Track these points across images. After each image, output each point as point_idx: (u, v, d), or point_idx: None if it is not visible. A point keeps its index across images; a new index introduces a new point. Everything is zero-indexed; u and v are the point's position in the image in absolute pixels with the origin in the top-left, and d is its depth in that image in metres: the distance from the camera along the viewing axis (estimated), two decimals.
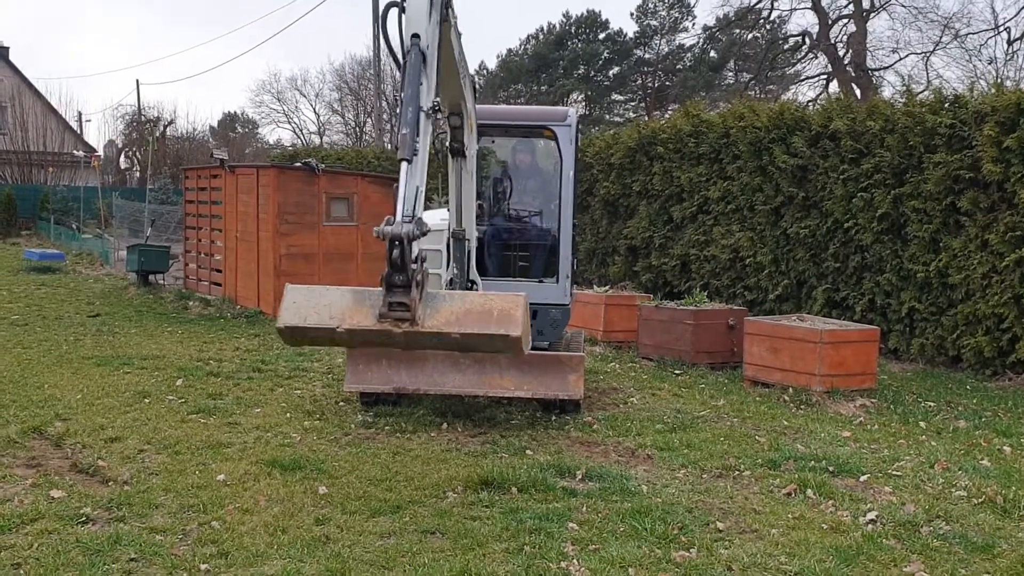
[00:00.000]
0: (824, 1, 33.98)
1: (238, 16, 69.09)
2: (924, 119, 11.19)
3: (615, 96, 54.06)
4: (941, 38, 32.14)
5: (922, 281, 11.22)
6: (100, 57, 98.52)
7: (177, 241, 21.34)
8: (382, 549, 4.90)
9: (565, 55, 51.42)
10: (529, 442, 7.11)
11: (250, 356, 10.91)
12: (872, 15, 34.41)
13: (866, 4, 33.68)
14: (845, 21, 34.87)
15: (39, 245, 28.55)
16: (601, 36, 52.41)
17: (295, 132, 62.96)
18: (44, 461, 6.45)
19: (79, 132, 50.22)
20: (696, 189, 14.47)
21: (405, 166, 5.17)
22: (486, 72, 53.28)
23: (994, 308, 10.32)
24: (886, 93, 29.60)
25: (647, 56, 52.65)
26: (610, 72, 52.85)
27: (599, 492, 5.88)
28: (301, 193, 14.63)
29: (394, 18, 5.77)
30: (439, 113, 5.93)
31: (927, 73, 32.01)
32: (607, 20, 52.22)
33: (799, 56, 38.02)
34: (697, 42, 48.82)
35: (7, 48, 47.62)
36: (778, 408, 8.64)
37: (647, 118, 37.68)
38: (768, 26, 41.16)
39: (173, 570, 4.60)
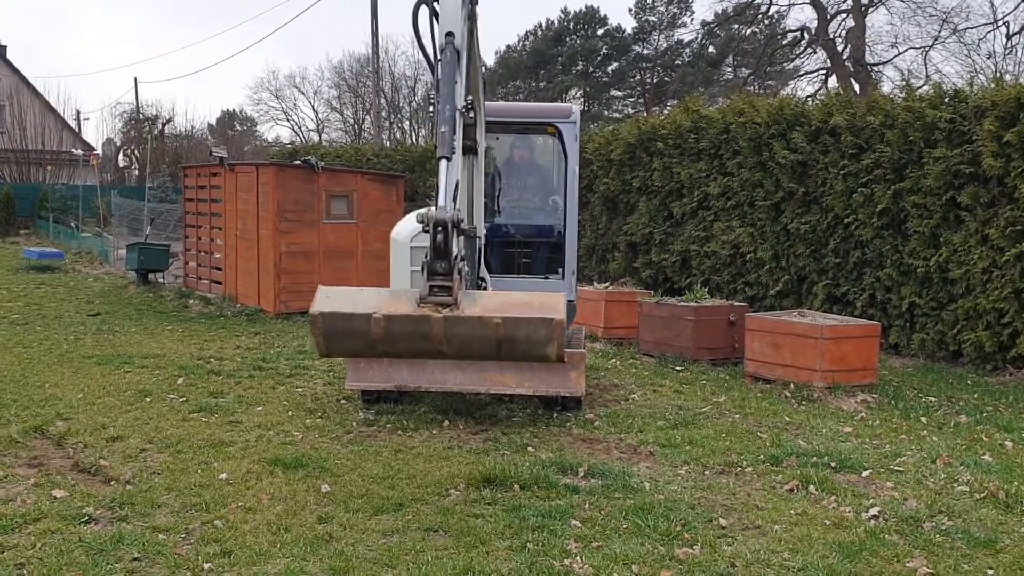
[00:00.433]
0: None
1: (236, 13, 68.94)
2: (924, 114, 11.18)
3: (614, 92, 54.07)
4: (940, 32, 32.16)
5: (922, 276, 11.22)
6: (98, 55, 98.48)
7: (177, 239, 21.31)
8: (385, 547, 4.90)
9: (564, 51, 51.39)
10: (531, 439, 7.11)
11: (251, 354, 10.91)
12: (871, 10, 34.40)
13: None
14: (844, 16, 34.88)
15: (38, 244, 28.52)
16: (600, 32, 52.41)
17: (294, 130, 62.92)
18: (46, 461, 6.45)
19: (77, 130, 50.20)
20: (696, 185, 14.46)
21: (445, 163, 5.15)
22: (485, 69, 53.15)
23: (994, 303, 10.32)
24: (885, 88, 29.60)
25: (646, 52, 52.63)
26: (609, 68, 52.85)
27: (601, 489, 5.89)
28: (301, 191, 14.63)
29: (423, 16, 5.77)
30: (471, 111, 5.92)
31: (926, 68, 32.04)
32: (605, 16, 52.28)
33: (798, 51, 38.02)
34: (695, 38, 48.83)
35: (5, 47, 47.58)
36: (779, 404, 8.65)
37: (646, 114, 37.65)
38: (767, 21, 41.22)
39: (176, 569, 4.61)
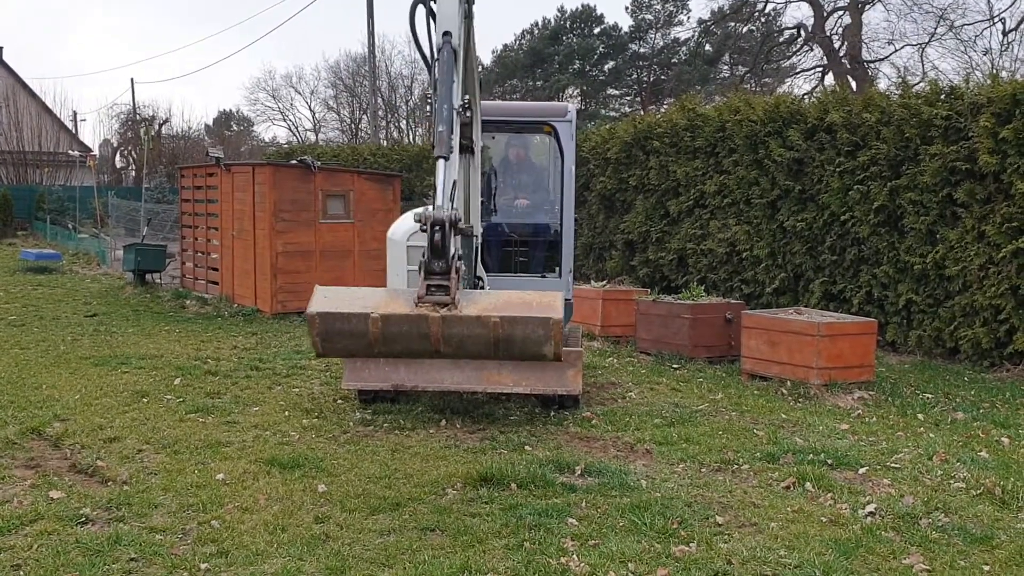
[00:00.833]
0: None
1: (232, 14, 68.97)
2: (920, 111, 11.19)
3: (610, 91, 54.15)
4: (936, 29, 32.18)
5: (919, 273, 11.23)
6: (94, 56, 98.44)
7: (173, 240, 21.31)
8: (382, 547, 4.90)
9: (560, 50, 51.41)
10: (528, 438, 7.11)
11: (248, 354, 10.90)
12: (867, 7, 34.44)
13: None
14: (840, 13, 34.93)
15: (35, 245, 28.46)
16: (596, 31, 52.45)
17: (290, 130, 63.01)
18: (43, 462, 6.45)
19: (74, 132, 50.17)
20: (692, 183, 14.47)
21: (443, 163, 5.14)
22: (481, 68, 53.21)
23: (991, 299, 10.33)
24: (882, 85, 29.62)
25: (642, 50, 52.68)
26: (605, 67, 52.89)
27: (598, 487, 5.89)
28: (297, 191, 14.62)
29: (420, 15, 5.75)
30: (468, 111, 5.91)
31: (923, 65, 32.08)
32: (602, 15, 52.35)
33: (794, 49, 38.08)
34: (692, 36, 48.92)
35: (1, 48, 47.54)
36: (776, 401, 8.65)
37: (643, 112, 37.67)
38: (763, 19, 41.26)
39: (173, 569, 4.61)
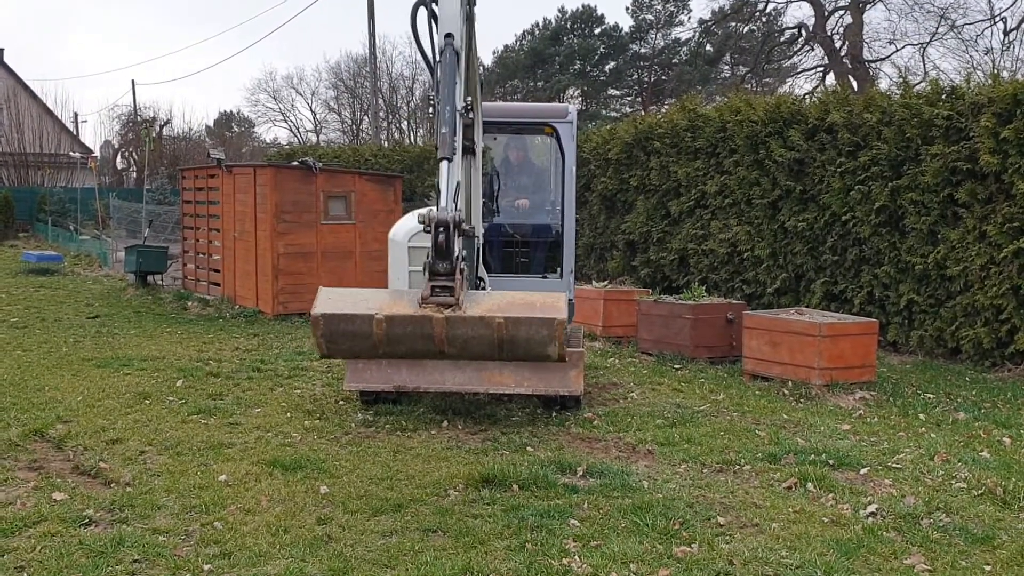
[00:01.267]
0: None
1: (233, 15, 69.01)
2: (921, 111, 11.19)
3: (611, 91, 54.14)
4: (937, 29, 32.19)
5: (920, 273, 11.23)
6: (95, 57, 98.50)
7: (175, 241, 21.31)
8: (384, 548, 4.91)
9: (561, 51, 51.41)
10: (530, 439, 7.12)
11: (249, 356, 10.92)
12: (868, 6, 34.43)
13: None
14: (841, 12, 34.91)
15: (37, 247, 28.46)
16: (597, 31, 52.44)
17: (292, 131, 63.04)
18: (46, 463, 6.46)
19: (75, 133, 50.20)
20: (693, 183, 14.47)
21: (446, 165, 5.13)
22: (482, 69, 53.19)
23: (992, 299, 10.34)
24: (883, 85, 29.62)
25: (643, 51, 52.67)
26: (606, 67, 52.89)
27: (600, 488, 5.89)
28: (298, 192, 14.62)
29: (421, 17, 5.75)
30: (470, 112, 5.90)
31: (924, 64, 32.09)
32: (602, 15, 52.34)
33: (795, 49, 38.07)
34: (693, 36, 48.90)
35: (2, 49, 47.60)
36: (778, 402, 8.66)
37: (643, 113, 37.66)
38: (764, 19, 41.23)
39: (176, 571, 4.62)
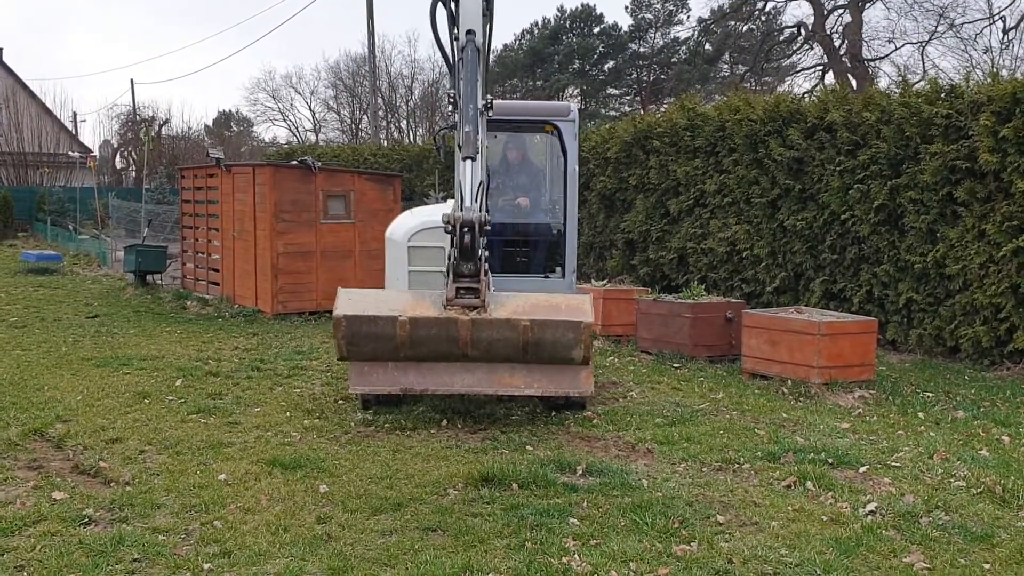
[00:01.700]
0: None
1: (232, 14, 69.00)
2: (920, 109, 11.19)
3: (610, 90, 54.14)
4: (936, 27, 32.20)
5: (919, 272, 11.23)
6: (94, 57, 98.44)
7: (174, 241, 21.31)
8: (384, 547, 4.92)
9: (560, 50, 51.41)
10: (529, 438, 7.12)
11: (249, 355, 10.92)
12: (867, 5, 34.41)
13: None
14: (840, 11, 34.89)
15: (36, 247, 28.45)
16: (596, 30, 52.44)
17: (291, 130, 63.05)
18: (45, 463, 6.47)
19: (74, 133, 50.16)
20: (692, 182, 14.47)
21: (469, 163, 5.05)
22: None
23: (992, 298, 10.34)
24: (882, 83, 29.64)
25: (642, 50, 52.68)
26: (605, 66, 52.88)
27: (600, 487, 5.90)
28: (298, 191, 14.62)
29: (440, 16, 5.73)
30: (490, 110, 5.82)
31: (923, 63, 32.13)
32: (602, 14, 52.34)
33: (795, 47, 38.07)
34: (692, 35, 48.92)
35: (1, 49, 47.56)
36: (777, 400, 8.66)
37: (643, 112, 37.67)
38: (763, 17, 41.23)
39: (176, 570, 4.62)
